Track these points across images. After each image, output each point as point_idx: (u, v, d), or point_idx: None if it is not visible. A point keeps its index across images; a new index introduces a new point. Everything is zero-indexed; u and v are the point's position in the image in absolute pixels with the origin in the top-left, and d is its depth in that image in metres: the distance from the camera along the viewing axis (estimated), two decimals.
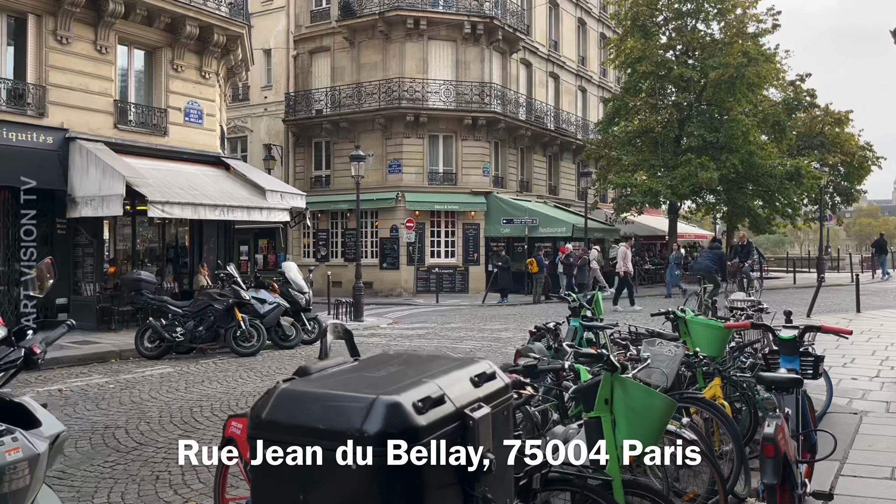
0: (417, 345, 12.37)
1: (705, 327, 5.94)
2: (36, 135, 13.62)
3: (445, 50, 26.93)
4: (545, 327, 7.04)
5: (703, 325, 5.96)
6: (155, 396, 7.84)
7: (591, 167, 31.51)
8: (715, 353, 5.77)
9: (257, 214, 15.24)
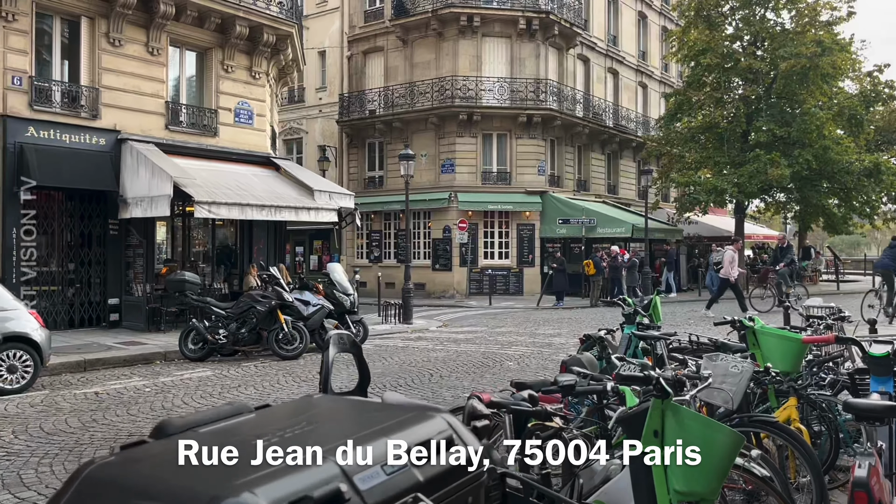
0: (464, 350, 11.86)
1: (779, 339, 5.25)
2: (89, 136, 13.75)
3: (499, 47, 26.36)
4: (594, 336, 6.44)
5: (777, 337, 5.27)
6: (187, 402, 7.58)
7: (651, 165, 30.39)
8: (789, 368, 5.08)
9: (305, 215, 15.03)
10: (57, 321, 13.46)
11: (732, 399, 4.06)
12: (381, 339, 13.61)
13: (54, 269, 13.63)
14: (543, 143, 26.62)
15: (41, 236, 13.50)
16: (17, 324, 8.31)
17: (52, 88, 13.51)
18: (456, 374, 9.47)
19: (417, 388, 8.47)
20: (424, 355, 11.21)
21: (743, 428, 4.38)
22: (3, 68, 12.73)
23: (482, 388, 8.42)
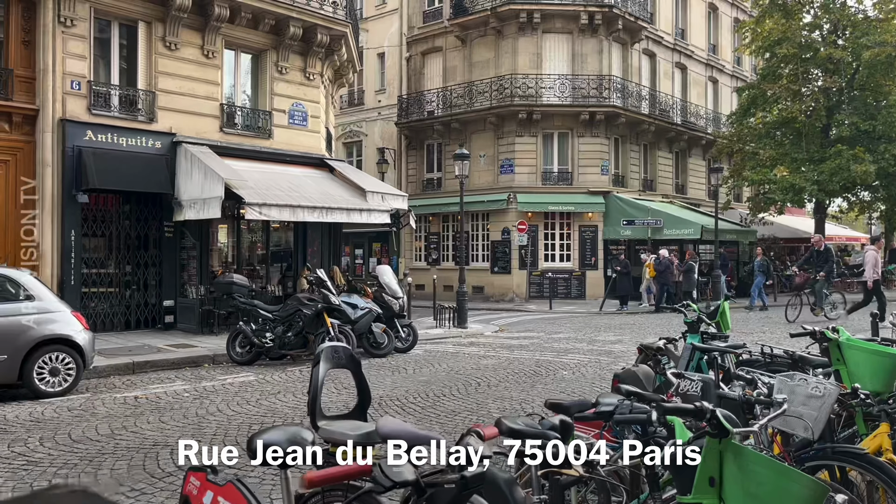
0: (517, 357, 11.29)
1: (869, 354, 4.53)
2: (145, 139, 13.86)
3: (560, 43, 25.61)
4: (652, 346, 5.81)
5: (866, 352, 4.55)
6: (222, 409, 7.31)
7: (723, 163, 28.98)
8: (881, 388, 4.36)
9: (357, 216, 14.76)
10: (114, 322, 13.62)
11: (812, 428, 3.41)
12: (433, 344, 13.18)
13: (111, 271, 13.78)
14: (607, 141, 25.70)
15: (99, 238, 13.69)
16: (59, 326, 8.26)
17: (109, 92, 13.69)
18: (505, 383, 8.92)
19: (461, 398, 7.97)
20: (474, 362, 10.71)
21: (825, 461, 3.70)
22: (63, 73, 12.94)
23: (532, 399, 7.86)
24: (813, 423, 3.44)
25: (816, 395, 3.58)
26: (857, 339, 4.81)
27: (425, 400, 7.83)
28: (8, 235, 12.57)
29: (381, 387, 8.68)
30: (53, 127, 12.78)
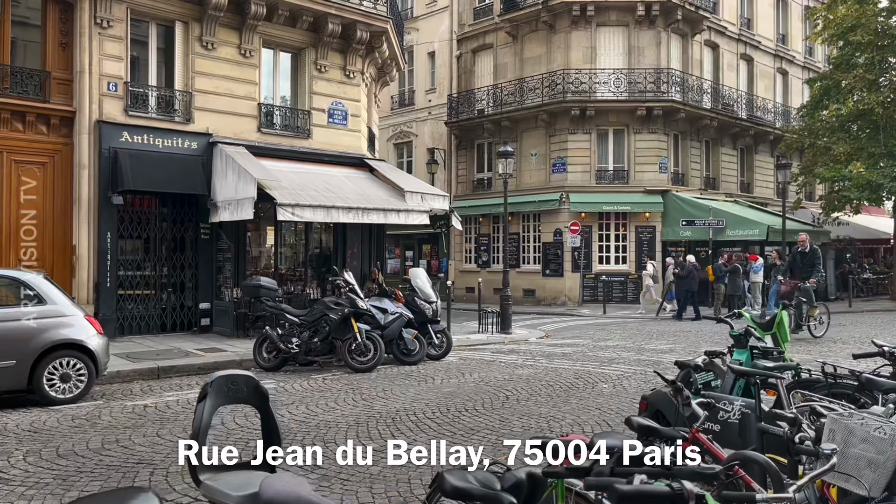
0: (558, 365, 10.53)
1: None
2: (181, 140, 13.72)
3: (616, 36, 24.55)
4: (690, 364, 5.02)
5: None
6: (226, 422, 6.84)
7: (792, 159, 27.28)
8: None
9: (394, 217, 14.26)
10: (149, 325, 13.51)
11: (871, 484, 2.63)
12: (470, 351, 12.54)
13: (147, 274, 13.68)
14: (665, 137, 24.49)
15: (135, 240, 13.62)
16: (71, 330, 8.01)
17: (146, 93, 13.61)
18: (536, 397, 8.21)
19: (484, 414, 7.31)
20: (508, 372, 10.01)
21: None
22: (100, 74, 12.91)
23: (562, 417, 7.13)
24: (873, 476, 2.66)
25: (879, 438, 2.79)
26: None
27: (444, 415, 7.21)
28: (45, 239, 12.59)
29: (401, 398, 8.10)
30: (90, 129, 12.76)
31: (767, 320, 6.66)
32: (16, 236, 12.46)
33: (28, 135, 12.46)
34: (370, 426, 6.67)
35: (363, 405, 7.65)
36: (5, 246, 12.35)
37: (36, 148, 12.57)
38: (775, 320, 6.59)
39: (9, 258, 12.23)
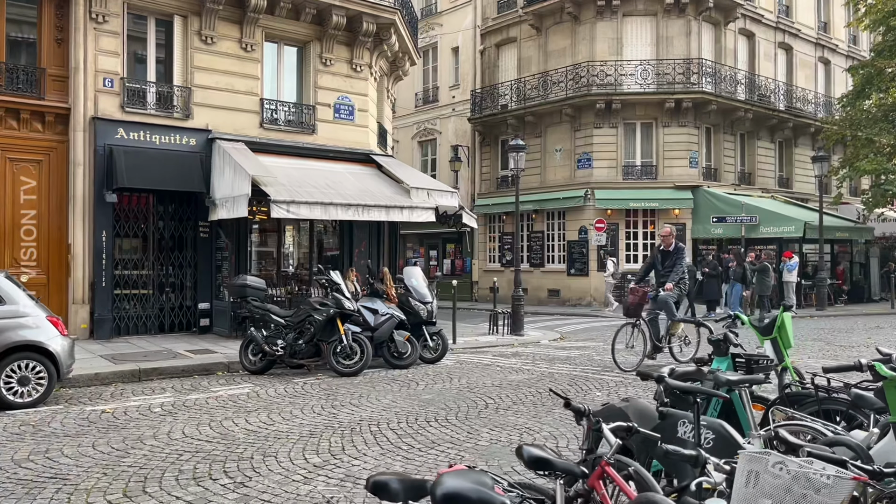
0: (555, 371, 9.84)
1: None
2: (179, 137, 13.44)
3: (643, 26, 23.59)
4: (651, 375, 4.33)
5: None
6: (172, 433, 6.40)
7: (834, 152, 25.90)
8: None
9: (397, 214, 13.71)
10: (147, 326, 13.26)
11: None
12: (471, 354, 11.92)
13: (145, 273, 13.43)
14: (696, 131, 23.43)
15: (132, 239, 13.38)
16: (31, 332, 7.69)
17: (143, 89, 13.36)
18: (519, 405, 7.56)
19: (454, 424, 6.69)
20: (500, 377, 9.37)
21: None
22: (95, 70, 12.71)
23: (539, 429, 6.49)
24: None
25: (824, 484, 2.12)
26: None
27: (409, 426, 6.62)
28: (40, 237, 12.43)
29: (374, 406, 7.55)
30: (85, 125, 12.56)
31: (766, 324, 5.87)
32: (15, 236, 12.31)
33: (23, 132, 12.31)
34: (322, 438, 6.13)
35: (328, 414, 7.11)
36: (4, 246, 12.21)
37: (31, 146, 12.42)
38: (775, 324, 5.80)
39: (4, 258, 12.08)
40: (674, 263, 10.17)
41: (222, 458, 5.52)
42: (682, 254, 10.36)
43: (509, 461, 5.29)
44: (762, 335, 5.95)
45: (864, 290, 24.66)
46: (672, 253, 10.28)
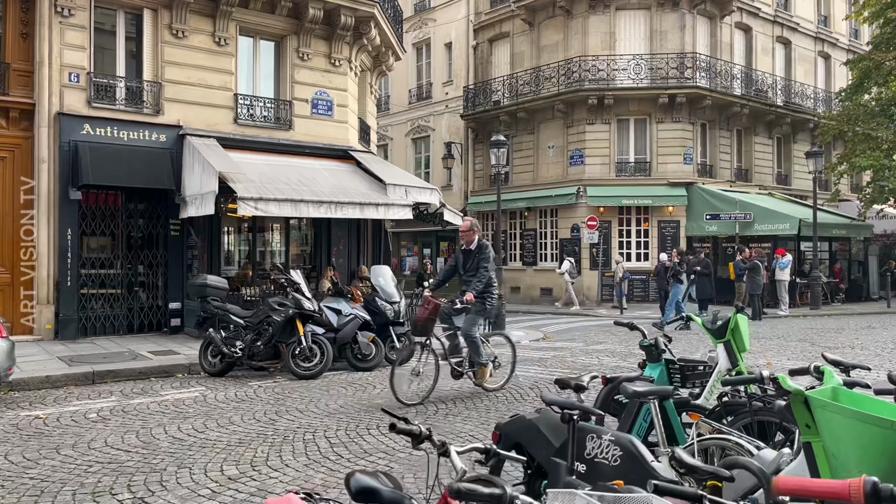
0: (523, 373, 9.46)
1: (860, 424, 2.60)
2: (149, 133, 13.15)
3: (636, 20, 23.17)
4: (570, 383, 3.98)
5: (856, 419, 2.62)
6: (93, 443, 6.07)
7: (835, 147, 25.39)
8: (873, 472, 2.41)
9: (372, 211, 13.38)
10: (115, 326, 12.97)
11: None
12: None
13: (114, 272, 13.13)
14: (691, 127, 23.00)
15: (100, 237, 13.10)
16: None
17: (112, 84, 13.07)
18: (472, 411, 7.21)
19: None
20: (460, 381, 8.99)
21: None
22: (60, 65, 12.41)
23: (485, 437, 6.14)
24: None
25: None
26: (856, 391, 2.83)
27: (347, 433, 6.28)
28: (4, 236, 12.16)
29: (320, 412, 7.21)
30: (49, 121, 12.28)
31: (719, 326, 5.48)
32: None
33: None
34: (249, 448, 5.80)
35: (267, 421, 6.78)
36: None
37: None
38: (728, 326, 5.42)
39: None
40: (476, 267, 7.90)
41: (133, 470, 5.19)
42: (487, 253, 8.00)
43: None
44: (715, 338, 5.57)
45: (863, 289, 24.14)
46: (474, 253, 8.02)
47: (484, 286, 7.87)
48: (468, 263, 8.03)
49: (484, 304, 7.98)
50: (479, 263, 7.91)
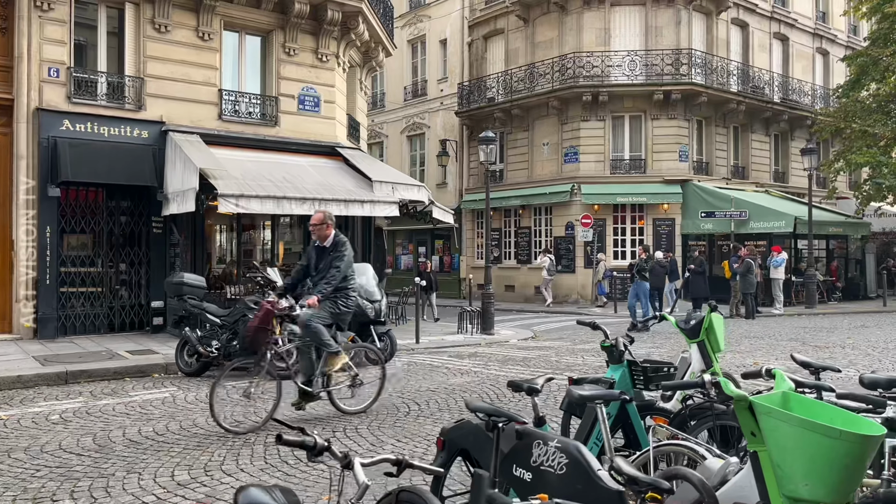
0: (505, 373, 9.27)
1: (803, 431, 2.41)
2: (130, 129, 12.96)
3: (631, 16, 22.94)
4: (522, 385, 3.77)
5: (804, 427, 2.42)
6: (47, 447, 5.88)
7: (834, 144, 25.15)
8: (827, 497, 2.27)
9: (357, 209, 13.19)
10: (96, 325, 12.79)
11: None
12: (428, 355, 11.37)
13: (95, 270, 12.95)
14: (686, 123, 22.78)
15: (81, 235, 12.91)
16: None
17: (92, 79, 12.88)
18: (442, 413, 7.01)
19: (360, 435, 6.15)
20: (440, 381, 8.82)
21: None
22: (40, 60, 12.22)
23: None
24: None
25: None
26: (796, 395, 2.62)
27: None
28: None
29: (288, 414, 7.01)
30: (28, 117, 12.08)
31: (693, 325, 5.29)
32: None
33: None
34: (206, 451, 5.61)
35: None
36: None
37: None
38: (702, 326, 5.23)
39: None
40: (329, 267, 6.79)
41: (80, 475, 5.00)
42: (342, 251, 6.88)
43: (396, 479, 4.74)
44: (689, 338, 5.38)
45: (860, 288, 23.91)
46: (328, 251, 6.94)
47: (334, 288, 6.72)
48: (321, 263, 6.94)
49: (336, 308, 6.85)
50: (331, 263, 6.79)
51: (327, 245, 6.99)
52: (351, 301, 7.07)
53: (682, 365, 5.36)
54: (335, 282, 6.75)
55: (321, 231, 7.07)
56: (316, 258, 7.04)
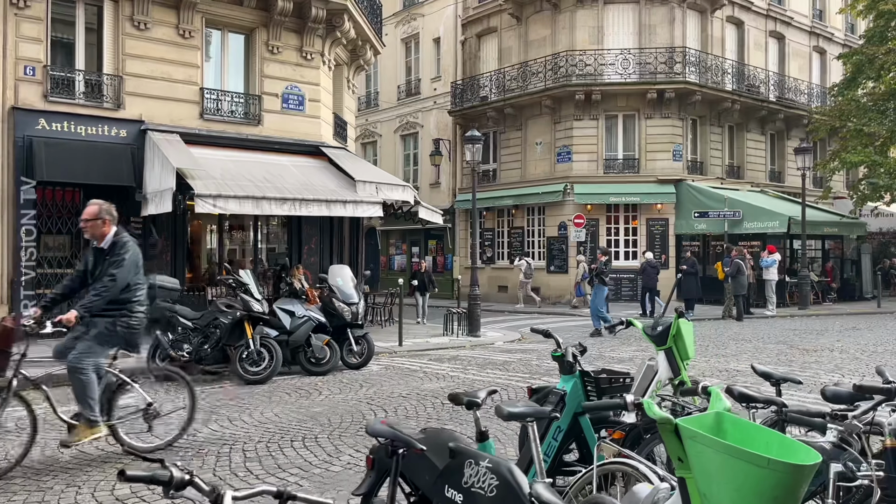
0: (481, 378, 9.05)
1: (726, 458, 2.17)
2: (108, 128, 12.76)
3: (624, 14, 22.69)
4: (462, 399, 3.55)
5: (730, 455, 2.18)
6: (4, 459, 5.69)
7: (830, 143, 24.87)
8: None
9: (339, 209, 12.98)
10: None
11: None
12: (407, 358, 11.16)
13: (72, 271, 12.68)
14: (680, 123, 22.52)
15: (59, 236, 12.71)
16: None
17: (70, 78, 12.68)
18: (411, 419, 6.81)
19: (320, 445, 5.93)
20: (415, 385, 8.60)
21: None
22: (15, 58, 12.02)
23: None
24: None
25: None
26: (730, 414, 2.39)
27: (268, 446, 5.88)
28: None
29: (250, 421, 6.82)
30: (3, 116, 11.89)
31: (660, 332, 5.06)
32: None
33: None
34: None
35: (190, 431, 6.37)
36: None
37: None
38: (669, 332, 5.00)
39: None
40: (103, 274, 5.48)
41: (18, 488, 4.83)
42: (122, 255, 5.53)
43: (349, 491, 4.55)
44: (656, 345, 5.15)
45: (856, 289, 23.65)
46: (105, 253, 5.61)
47: (105, 301, 5.37)
48: (98, 268, 5.59)
49: (113, 330, 5.51)
50: (106, 270, 5.43)
51: (104, 246, 5.60)
52: (135, 320, 5.60)
53: (649, 373, 5.12)
54: (108, 294, 5.33)
55: (95, 228, 5.63)
56: (93, 263, 5.66)
